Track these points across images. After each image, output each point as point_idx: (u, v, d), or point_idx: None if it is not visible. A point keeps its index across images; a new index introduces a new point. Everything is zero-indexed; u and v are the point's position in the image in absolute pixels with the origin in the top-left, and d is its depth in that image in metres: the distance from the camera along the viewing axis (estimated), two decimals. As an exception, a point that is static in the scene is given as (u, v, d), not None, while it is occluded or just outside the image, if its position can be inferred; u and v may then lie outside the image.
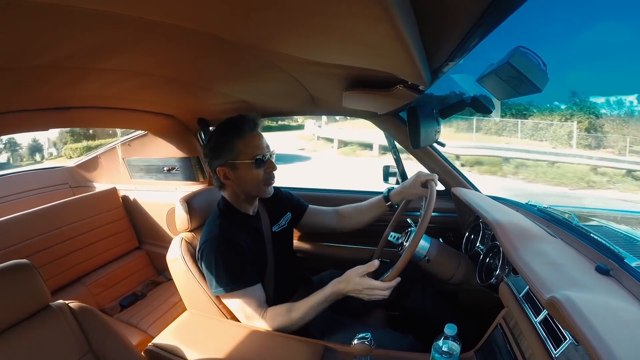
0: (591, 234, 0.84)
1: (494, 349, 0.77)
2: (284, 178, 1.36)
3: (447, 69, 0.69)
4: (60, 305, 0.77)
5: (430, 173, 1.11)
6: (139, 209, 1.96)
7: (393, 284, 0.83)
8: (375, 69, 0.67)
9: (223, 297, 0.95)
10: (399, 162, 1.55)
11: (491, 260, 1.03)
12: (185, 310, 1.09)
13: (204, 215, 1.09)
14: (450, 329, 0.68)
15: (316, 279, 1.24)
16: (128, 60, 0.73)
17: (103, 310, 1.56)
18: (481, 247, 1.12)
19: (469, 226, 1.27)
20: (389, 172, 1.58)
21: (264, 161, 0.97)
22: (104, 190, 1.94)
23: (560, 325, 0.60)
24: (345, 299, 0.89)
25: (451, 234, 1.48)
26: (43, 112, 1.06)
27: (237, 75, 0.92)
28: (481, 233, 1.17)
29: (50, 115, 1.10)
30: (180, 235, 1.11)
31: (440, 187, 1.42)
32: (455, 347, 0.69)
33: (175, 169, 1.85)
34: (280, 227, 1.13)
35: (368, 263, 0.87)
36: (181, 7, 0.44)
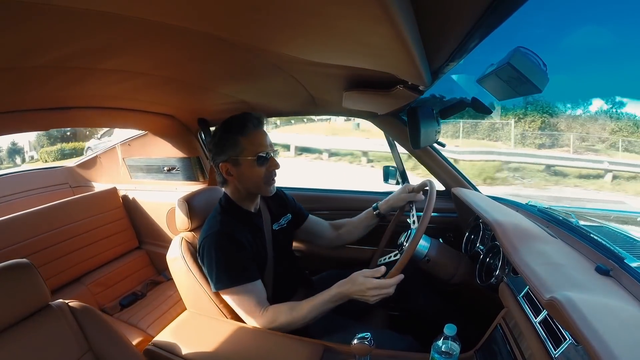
0: (591, 235, 0.84)
1: (493, 349, 0.77)
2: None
3: (448, 69, 0.69)
4: (60, 305, 0.77)
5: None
6: (139, 209, 1.96)
7: (397, 279, 0.83)
8: (375, 70, 0.67)
9: (223, 293, 0.94)
10: (399, 163, 1.55)
11: (491, 261, 1.03)
12: (185, 310, 1.09)
13: (204, 215, 1.09)
14: (449, 329, 0.68)
15: (316, 279, 1.24)
16: (128, 60, 0.73)
17: (103, 310, 1.56)
18: (481, 247, 1.12)
19: (469, 226, 1.27)
20: (389, 173, 1.59)
21: (266, 159, 0.97)
22: (104, 190, 1.94)
23: (560, 326, 0.60)
24: None
25: (451, 234, 1.48)
26: (43, 112, 1.06)
27: (238, 76, 0.92)
28: (481, 233, 1.17)
29: (51, 116, 1.10)
30: (181, 234, 1.11)
31: (440, 187, 1.42)
32: (455, 347, 0.69)
33: (176, 169, 1.85)
34: (280, 226, 1.13)
35: (375, 269, 0.87)
36: (181, 8, 0.45)
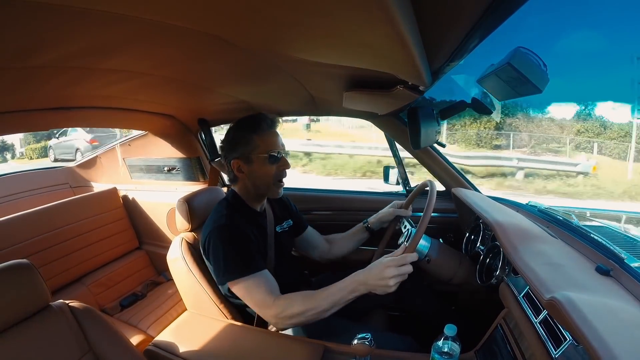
0: (591, 235, 0.84)
1: (494, 349, 0.77)
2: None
3: (448, 69, 0.69)
4: (60, 305, 0.77)
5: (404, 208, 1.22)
6: (139, 209, 1.96)
7: (414, 256, 0.79)
8: (375, 70, 0.67)
9: (232, 285, 0.91)
10: (399, 163, 1.55)
11: (491, 261, 1.03)
12: (185, 311, 1.09)
13: (204, 216, 1.09)
14: (450, 329, 0.68)
15: (316, 281, 1.25)
16: (128, 60, 0.73)
17: (103, 310, 1.56)
18: (481, 248, 1.12)
19: (469, 226, 1.27)
20: (389, 173, 1.59)
21: (278, 158, 0.99)
22: (104, 190, 1.94)
23: (560, 326, 0.60)
24: None
25: (451, 235, 1.48)
26: (43, 112, 1.06)
27: (238, 76, 0.92)
28: (481, 233, 1.17)
29: (51, 115, 1.10)
30: (181, 235, 1.11)
31: (441, 188, 1.42)
32: (455, 348, 0.69)
33: (176, 169, 1.85)
34: (282, 229, 1.14)
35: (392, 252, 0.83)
36: (182, 8, 0.45)
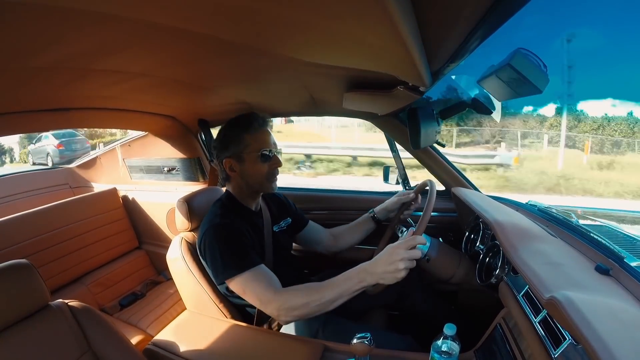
0: (591, 234, 0.84)
1: (493, 348, 0.77)
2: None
3: (448, 70, 0.69)
4: (59, 305, 0.77)
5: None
6: (139, 209, 1.96)
7: (422, 239, 0.79)
8: (375, 70, 0.67)
9: (231, 282, 0.89)
10: (399, 163, 1.55)
11: (491, 260, 1.03)
12: (185, 310, 1.09)
13: (204, 215, 1.09)
14: (449, 328, 0.68)
15: (315, 279, 1.24)
16: (128, 61, 0.73)
17: (103, 310, 1.56)
18: (481, 247, 1.12)
19: (469, 226, 1.28)
20: (389, 173, 1.59)
21: (269, 156, 0.99)
22: (104, 190, 1.94)
23: (559, 325, 0.60)
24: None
25: (451, 234, 1.48)
26: (43, 113, 1.06)
27: (238, 77, 0.92)
28: (481, 233, 1.17)
29: (50, 116, 1.10)
30: (181, 234, 1.11)
31: (441, 187, 1.42)
32: (455, 347, 0.69)
33: (176, 169, 1.85)
34: (280, 228, 1.14)
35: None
36: (182, 8, 0.45)
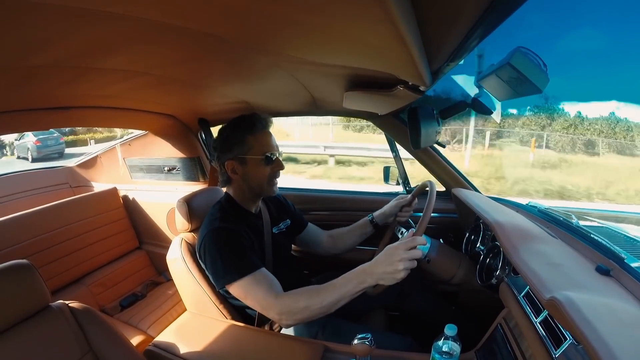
0: (591, 235, 0.84)
1: (494, 349, 0.77)
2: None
3: (448, 69, 0.69)
4: (60, 306, 0.77)
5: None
6: (139, 209, 1.96)
7: (422, 239, 0.79)
8: (375, 70, 0.67)
9: (231, 287, 0.88)
10: (399, 163, 1.55)
11: (491, 261, 1.03)
12: (186, 311, 1.09)
13: (204, 216, 1.09)
14: (450, 329, 0.68)
15: (316, 281, 1.24)
16: (128, 59, 0.73)
17: (103, 311, 1.56)
18: (481, 248, 1.12)
19: (469, 227, 1.27)
20: (389, 173, 1.59)
21: (272, 159, 0.98)
22: (104, 190, 1.94)
23: (560, 326, 0.60)
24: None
25: (451, 235, 1.48)
26: (43, 112, 1.06)
27: (238, 76, 0.92)
28: (481, 234, 1.17)
29: (50, 115, 1.10)
30: (181, 235, 1.11)
31: (441, 188, 1.42)
32: (456, 348, 0.69)
33: (176, 169, 1.85)
34: (279, 230, 1.13)
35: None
36: (182, 7, 0.45)
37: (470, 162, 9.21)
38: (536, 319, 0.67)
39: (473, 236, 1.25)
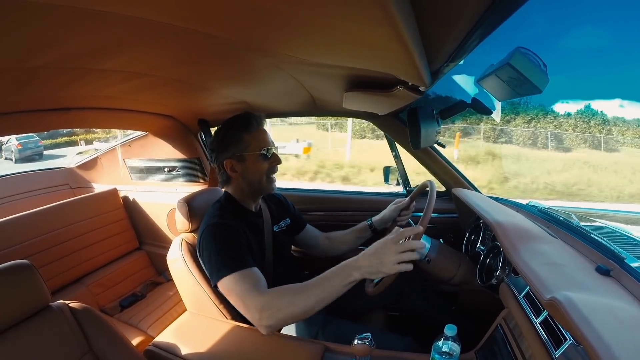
0: (591, 235, 0.84)
1: (494, 349, 0.77)
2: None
3: (448, 69, 0.69)
4: (60, 306, 0.77)
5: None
6: (140, 210, 1.96)
7: (420, 229, 0.78)
8: (375, 70, 0.67)
9: (221, 284, 0.85)
10: (399, 163, 1.55)
11: (492, 261, 1.03)
12: (186, 311, 1.09)
13: (204, 216, 1.09)
14: (450, 329, 0.68)
15: None
16: (128, 60, 0.73)
17: (103, 311, 1.56)
18: (482, 248, 1.12)
19: (470, 227, 1.27)
20: (389, 173, 1.59)
21: (269, 154, 1.00)
22: (104, 191, 1.94)
23: (560, 326, 0.60)
24: (345, 300, 0.85)
25: (451, 235, 1.48)
26: (43, 113, 1.06)
27: (237, 76, 0.92)
28: (482, 234, 1.17)
29: (50, 116, 1.10)
30: (181, 235, 1.11)
31: (441, 188, 1.42)
32: (456, 348, 0.69)
33: (176, 169, 1.85)
34: (280, 228, 1.14)
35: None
36: (182, 8, 0.45)
37: (330, 155, 9.29)
38: (536, 319, 0.67)
39: (473, 236, 1.25)
